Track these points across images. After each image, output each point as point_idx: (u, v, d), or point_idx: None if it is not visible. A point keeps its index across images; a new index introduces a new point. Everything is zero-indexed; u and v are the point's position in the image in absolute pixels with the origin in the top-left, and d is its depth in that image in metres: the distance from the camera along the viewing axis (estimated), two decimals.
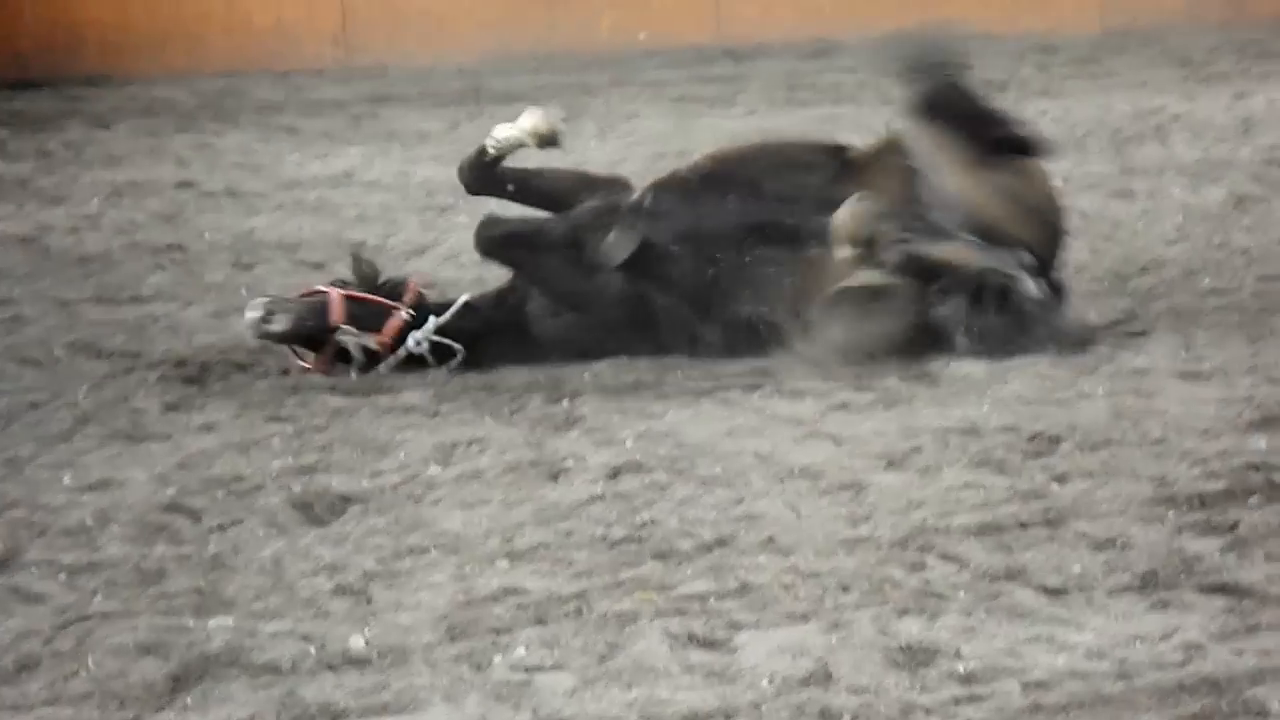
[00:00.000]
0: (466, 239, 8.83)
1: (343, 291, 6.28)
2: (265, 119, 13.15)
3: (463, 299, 6.37)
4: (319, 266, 8.35)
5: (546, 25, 15.67)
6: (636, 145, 11.51)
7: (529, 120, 6.35)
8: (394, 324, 6.23)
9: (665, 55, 15.40)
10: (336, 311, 6.20)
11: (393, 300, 6.29)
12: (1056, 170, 9.78)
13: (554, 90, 14.23)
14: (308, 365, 6.30)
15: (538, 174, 6.51)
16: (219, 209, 9.85)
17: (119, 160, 11.49)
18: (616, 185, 6.49)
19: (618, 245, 6.11)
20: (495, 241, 6.33)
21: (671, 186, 6.32)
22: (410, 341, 6.23)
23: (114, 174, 10.94)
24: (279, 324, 6.18)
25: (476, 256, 8.05)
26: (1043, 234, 6.15)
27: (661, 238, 6.14)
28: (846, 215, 5.84)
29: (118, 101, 14.12)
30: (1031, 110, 12.05)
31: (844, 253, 5.83)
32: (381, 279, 6.41)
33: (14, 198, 10.21)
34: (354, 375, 6.24)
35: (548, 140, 6.35)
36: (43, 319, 7.42)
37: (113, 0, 15.44)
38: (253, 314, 6.19)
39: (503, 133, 6.33)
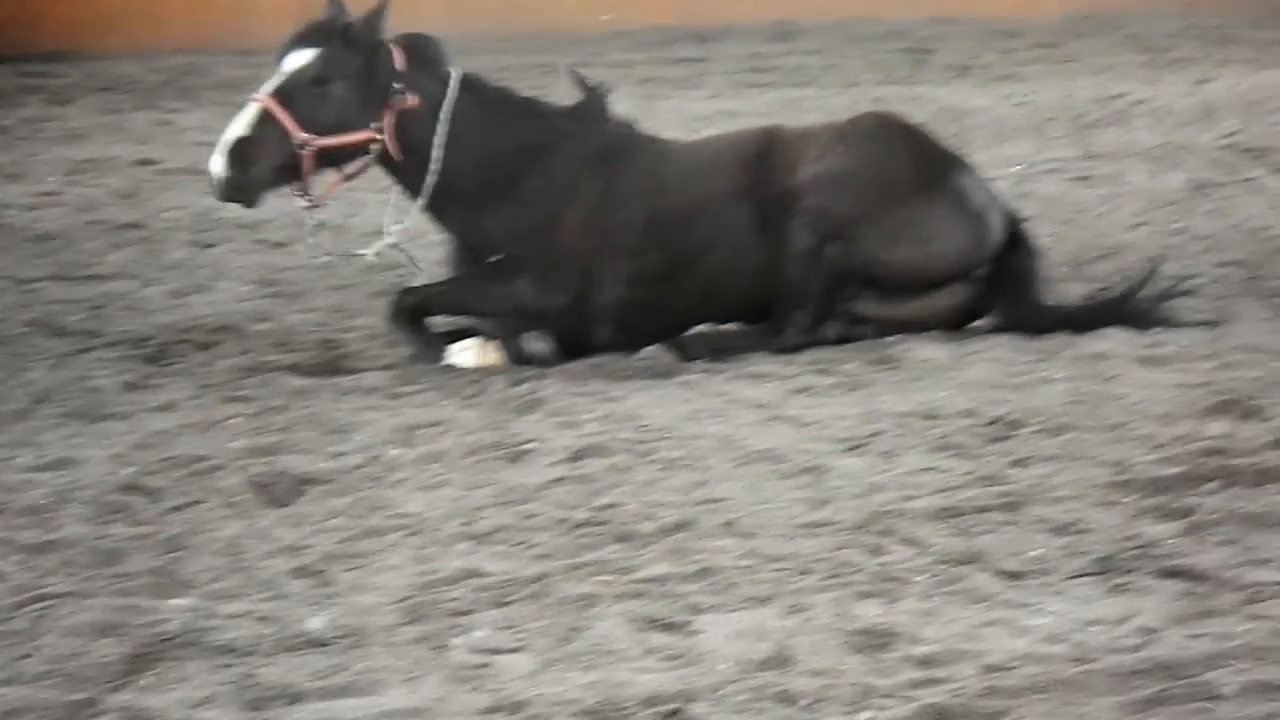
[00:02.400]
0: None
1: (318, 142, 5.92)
2: (226, 96, 13.05)
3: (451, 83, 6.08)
4: (279, 245, 8.32)
5: (510, 5, 15.62)
6: None
7: (482, 356, 6.10)
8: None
9: (630, 36, 15.38)
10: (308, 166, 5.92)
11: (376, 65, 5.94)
12: (1020, 155, 9.86)
13: (517, 71, 14.20)
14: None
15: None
16: (179, 187, 9.78)
17: (79, 137, 11.41)
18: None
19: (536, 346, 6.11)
20: (410, 311, 6.14)
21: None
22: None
23: (73, 151, 10.87)
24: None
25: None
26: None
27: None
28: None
29: (78, 78, 14.01)
30: (995, 94, 12.11)
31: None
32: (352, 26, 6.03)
33: None
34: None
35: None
36: (1, 297, 7.37)
37: None
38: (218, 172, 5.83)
39: (460, 360, 6.07)
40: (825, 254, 6.05)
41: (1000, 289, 6.21)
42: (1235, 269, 7.15)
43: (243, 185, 5.89)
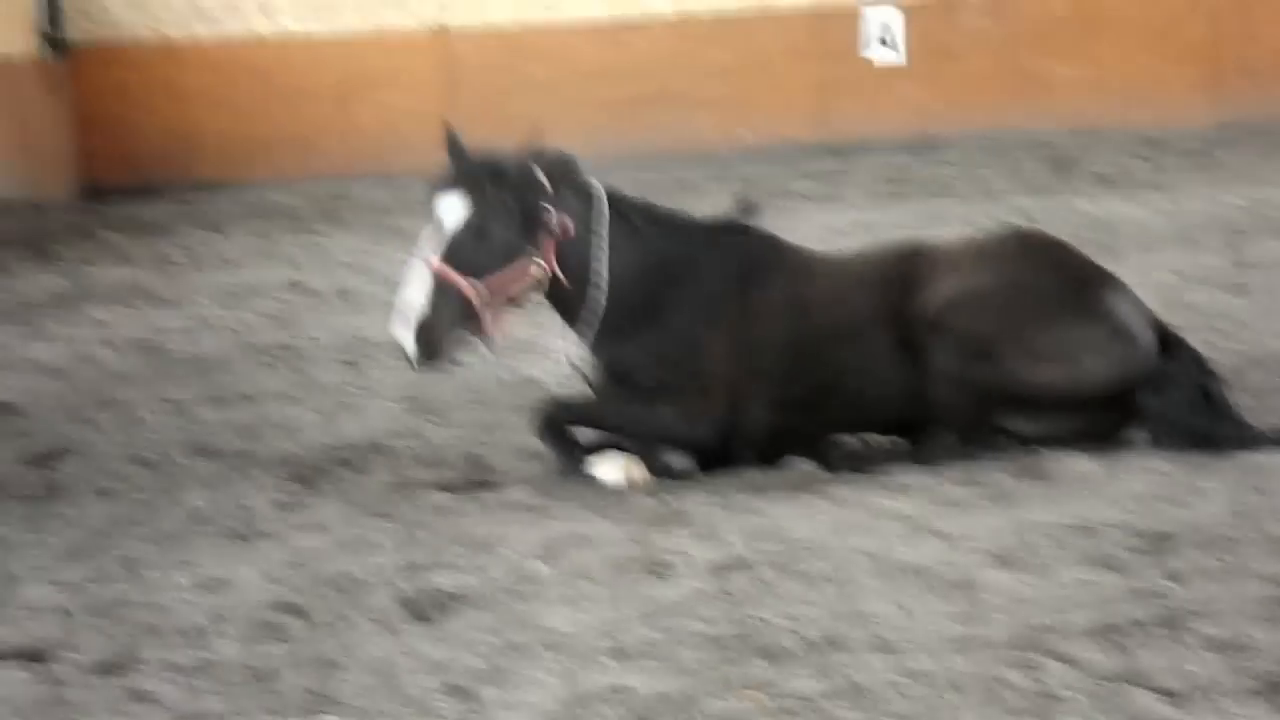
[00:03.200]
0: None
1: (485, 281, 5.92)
2: (374, 220, 13.34)
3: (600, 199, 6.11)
4: None
5: (650, 127, 15.82)
6: None
7: (629, 472, 6.10)
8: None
9: (767, 152, 15.48)
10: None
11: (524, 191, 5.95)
12: (1169, 265, 9.72)
13: (655, 187, 14.33)
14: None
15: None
16: (329, 309, 9.98)
17: (232, 263, 11.69)
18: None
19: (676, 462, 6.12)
20: (557, 423, 6.16)
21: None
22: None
23: (227, 276, 11.14)
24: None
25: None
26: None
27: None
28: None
29: (231, 206, 14.40)
30: (1141, 203, 11.99)
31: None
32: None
33: (132, 302, 10.41)
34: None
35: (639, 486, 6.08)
36: (158, 420, 7.53)
37: (228, 109, 15.80)
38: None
39: (604, 474, 6.09)
40: (970, 375, 5.98)
41: (1169, 398, 6.02)
42: None
43: (436, 355, 5.95)
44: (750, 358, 6.13)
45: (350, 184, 15.26)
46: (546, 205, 6.04)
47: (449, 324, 5.93)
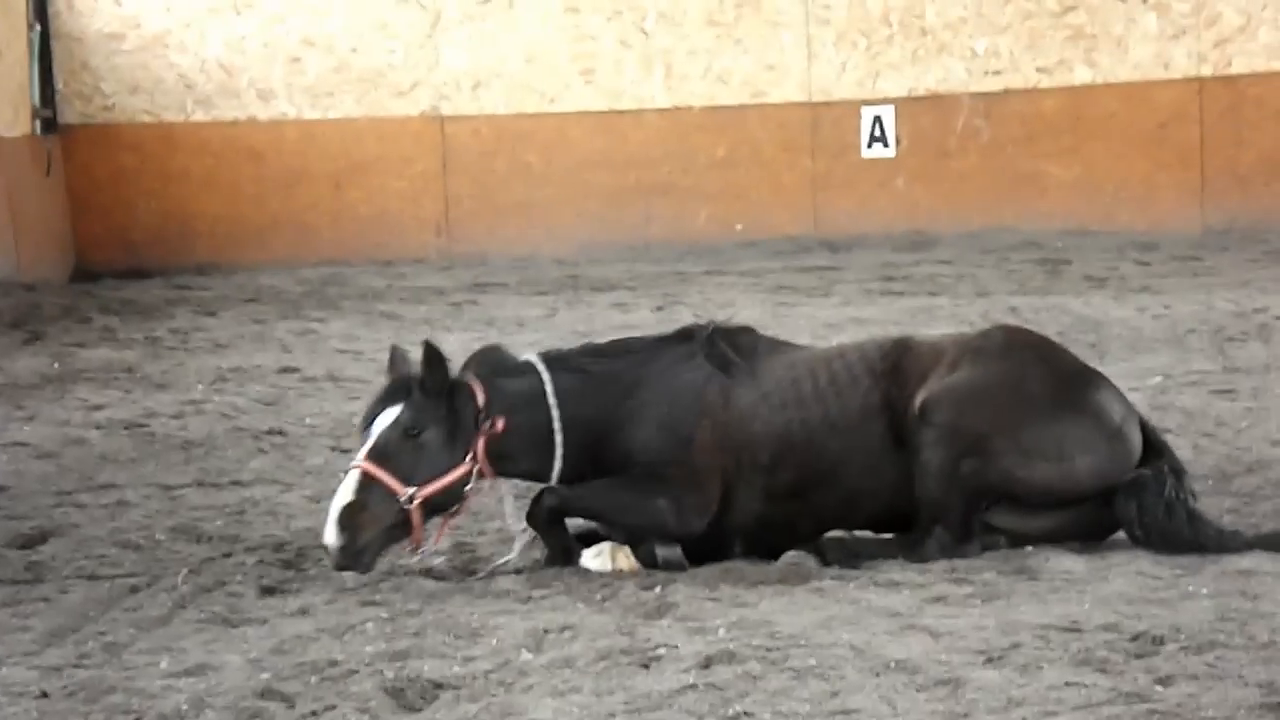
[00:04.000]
0: None
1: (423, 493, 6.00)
2: (367, 305, 13.38)
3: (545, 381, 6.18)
4: None
5: (643, 217, 15.91)
6: None
7: (614, 560, 6.14)
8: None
9: (762, 246, 15.55)
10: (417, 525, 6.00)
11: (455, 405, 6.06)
12: (1158, 367, 9.75)
13: (650, 279, 14.40)
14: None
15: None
16: (320, 394, 9.99)
17: (224, 346, 11.71)
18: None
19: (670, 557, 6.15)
20: (549, 512, 6.17)
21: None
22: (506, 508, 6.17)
23: (219, 360, 11.15)
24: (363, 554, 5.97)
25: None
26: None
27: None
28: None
29: (225, 290, 14.43)
30: (1132, 305, 12.04)
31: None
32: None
33: (122, 384, 10.41)
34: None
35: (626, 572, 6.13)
36: (145, 503, 7.51)
37: (224, 193, 15.87)
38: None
39: (591, 563, 6.13)
40: (960, 470, 5.99)
41: (1144, 505, 6.02)
42: None
43: (356, 551, 5.95)
44: (738, 452, 6.14)
45: (344, 269, 15.31)
46: (478, 410, 6.11)
47: (374, 521, 5.96)
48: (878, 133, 15.67)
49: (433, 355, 6.15)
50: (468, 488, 6.12)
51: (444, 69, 15.82)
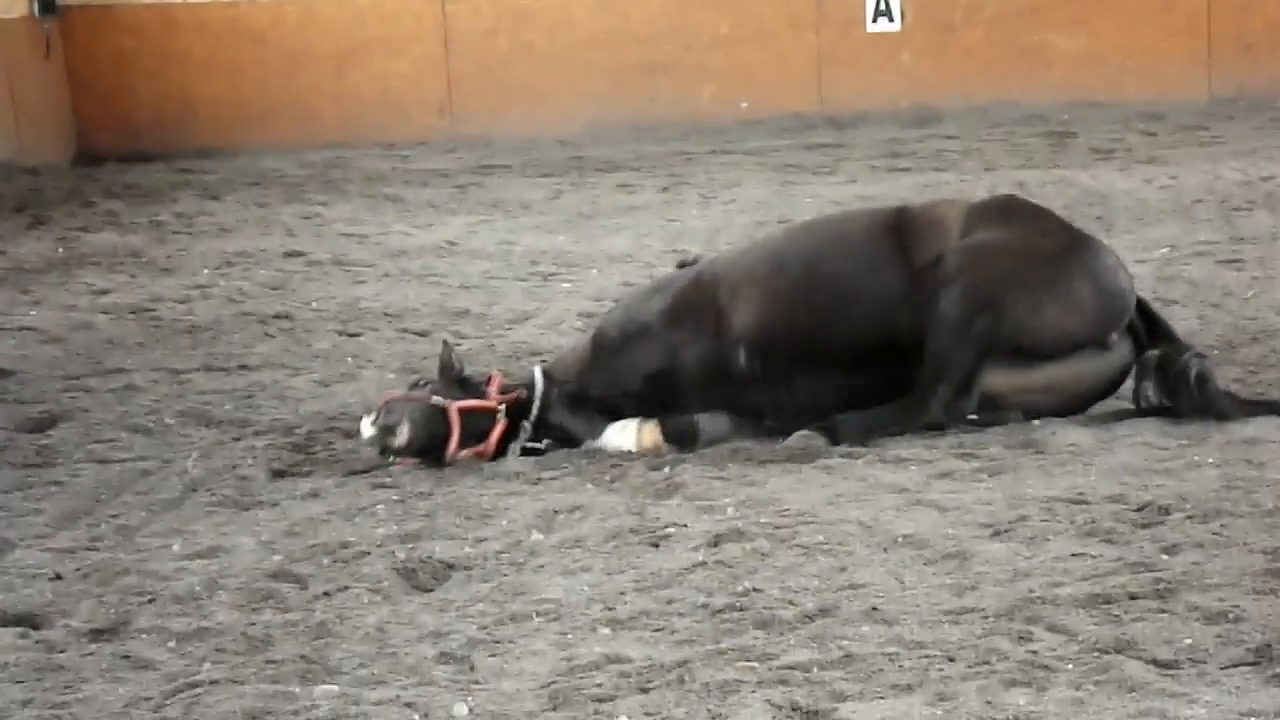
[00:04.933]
0: (568, 305, 8.91)
1: (458, 404, 6.17)
2: (372, 189, 13.33)
3: (538, 380, 6.34)
4: (424, 334, 8.44)
5: (647, 96, 15.79)
6: (738, 213, 11.54)
7: (641, 437, 6.23)
8: (497, 432, 6.23)
9: (767, 124, 15.45)
10: (455, 428, 6.14)
11: (478, 395, 6.26)
12: (1165, 238, 9.73)
13: (655, 159, 14.32)
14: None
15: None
16: (326, 278, 9.98)
17: (229, 231, 11.68)
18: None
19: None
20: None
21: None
22: (510, 453, 6.25)
23: (224, 244, 11.13)
24: (400, 438, 6.12)
25: (577, 323, 8.13)
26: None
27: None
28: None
29: (228, 174, 14.38)
30: (1139, 177, 11.99)
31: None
32: (465, 372, 6.36)
33: (127, 269, 10.41)
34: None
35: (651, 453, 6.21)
36: (153, 388, 7.54)
37: (225, 75, 15.76)
38: (370, 431, 6.14)
39: (616, 439, 6.23)
40: (976, 324, 6.06)
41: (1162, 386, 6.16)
42: None
43: (388, 426, 6.14)
44: (735, 273, 6.36)
45: (347, 152, 15.24)
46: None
47: (410, 401, 6.16)
48: (883, 7, 15.50)
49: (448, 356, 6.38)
50: (498, 418, 6.24)
51: None
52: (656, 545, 5.15)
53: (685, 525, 5.28)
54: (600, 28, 15.67)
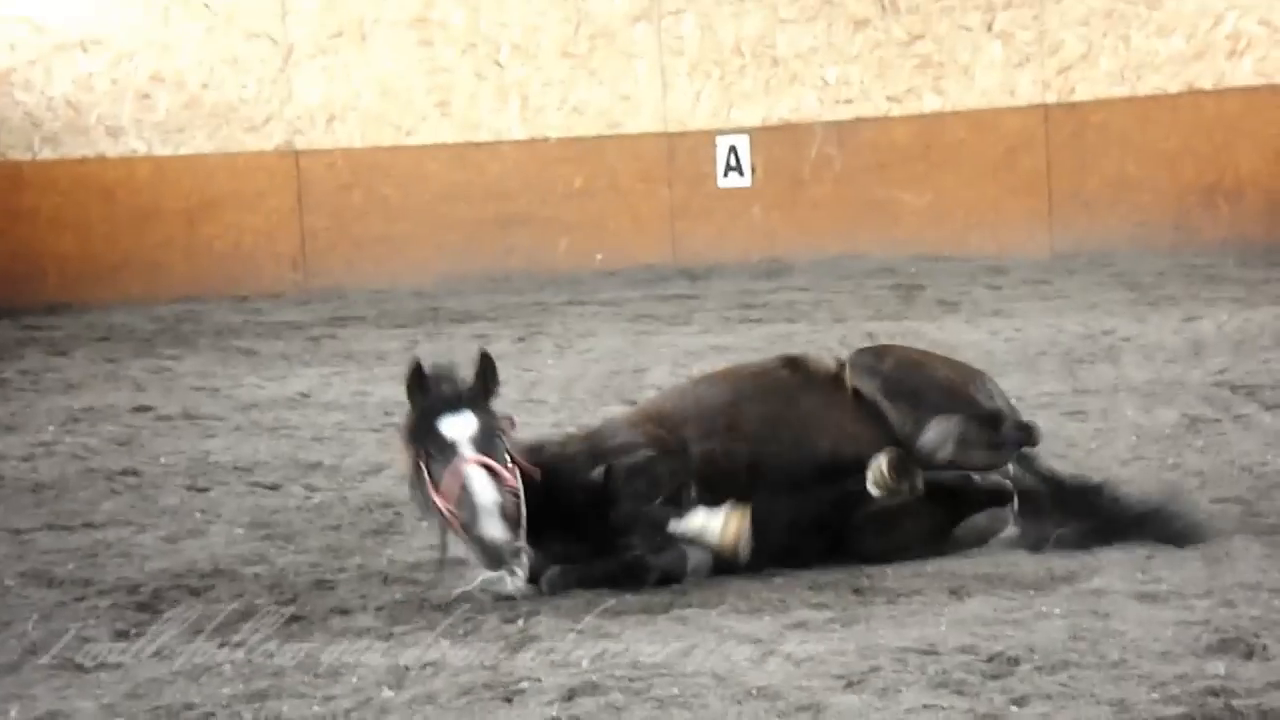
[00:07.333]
0: None
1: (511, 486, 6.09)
2: (223, 342, 13.21)
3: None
4: (274, 488, 8.32)
5: (503, 248, 15.88)
6: (593, 363, 11.59)
7: (727, 525, 6.29)
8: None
9: (621, 275, 15.60)
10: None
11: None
12: (1010, 389, 9.92)
13: (510, 310, 14.38)
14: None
15: None
16: (175, 432, 9.83)
17: (76, 387, 11.48)
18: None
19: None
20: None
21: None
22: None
23: (70, 400, 10.93)
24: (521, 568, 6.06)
25: None
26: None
27: None
28: (883, 468, 6.34)
29: (76, 329, 14.16)
30: (984, 329, 12.25)
31: (880, 493, 6.37)
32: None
33: None
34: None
35: (730, 552, 6.28)
36: None
37: (74, 231, 15.59)
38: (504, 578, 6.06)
39: (708, 526, 6.26)
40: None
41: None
42: (1230, 505, 7.11)
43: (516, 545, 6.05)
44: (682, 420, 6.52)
45: (199, 306, 15.11)
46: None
47: (515, 509, 6.07)
48: (733, 162, 15.80)
49: (488, 364, 6.37)
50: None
51: (297, 103, 15.70)
52: (510, 700, 5.09)
53: (539, 679, 5.23)
54: (455, 181, 15.78)
